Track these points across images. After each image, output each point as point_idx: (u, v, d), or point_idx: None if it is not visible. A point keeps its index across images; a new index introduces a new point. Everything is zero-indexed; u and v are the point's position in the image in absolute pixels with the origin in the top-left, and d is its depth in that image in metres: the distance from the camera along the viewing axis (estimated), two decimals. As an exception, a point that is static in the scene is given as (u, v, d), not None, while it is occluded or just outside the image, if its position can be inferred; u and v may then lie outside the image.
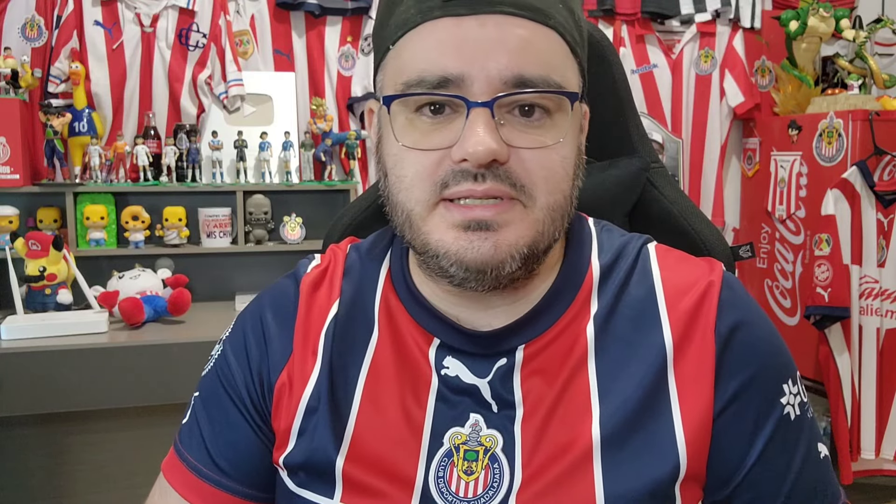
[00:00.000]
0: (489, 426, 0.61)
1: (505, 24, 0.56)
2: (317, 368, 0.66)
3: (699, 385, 0.60)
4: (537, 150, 0.57)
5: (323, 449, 0.62)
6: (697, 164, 2.92)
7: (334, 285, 0.70)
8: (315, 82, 2.56)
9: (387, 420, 0.63)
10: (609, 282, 0.65)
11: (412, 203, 0.59)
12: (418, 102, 0.58)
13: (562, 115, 0.58)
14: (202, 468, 0.68)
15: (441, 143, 0.57)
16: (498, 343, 0.63)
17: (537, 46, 0.57)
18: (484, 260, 0.57)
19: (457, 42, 0.56)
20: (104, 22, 2.30)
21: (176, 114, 2.40)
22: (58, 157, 2.20)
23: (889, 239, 2.44)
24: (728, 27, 2.88)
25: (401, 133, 0.59)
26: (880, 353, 2.45)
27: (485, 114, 0.55)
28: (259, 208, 2.33)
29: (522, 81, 0.56)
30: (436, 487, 0.60)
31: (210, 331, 1.92)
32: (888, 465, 2.46)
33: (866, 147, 2.41)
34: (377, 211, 0.88)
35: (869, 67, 2.67)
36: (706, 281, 0.63)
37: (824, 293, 2.42)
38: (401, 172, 0.59)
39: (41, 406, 1.73)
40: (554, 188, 0.58)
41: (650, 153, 0.87)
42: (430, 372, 0.63)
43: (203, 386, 0.72)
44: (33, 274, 1.97)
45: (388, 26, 0.61)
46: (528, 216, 0.57)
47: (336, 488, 0.62)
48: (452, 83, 0.56)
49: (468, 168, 0.56)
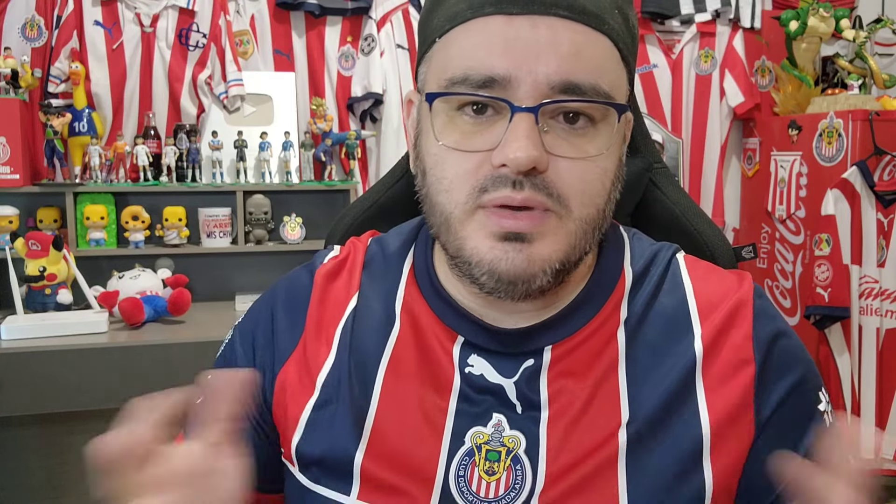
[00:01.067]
0: (512, 427, 0.60)
1: (558, 26, 0.54)
2: (330, 360, 0.65)
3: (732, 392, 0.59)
4: (578, 160, 0.55)
5: (341, 444, 0.62)
6: (697, 164, 2.92)
7: (353, 277, 0.69)
8: (315, 82, 2.56)
9: (407, 417, 0.62)
10: (641, 289, 0.64)
11: (452, 206, 0.57)
12: (461, 101, 0.56)
13: (606, 125, 0.57)
14: None
15: (482, 145, 0.55)
16: (525, 342, 0.62)
17: (589, 52, 0.55)
18: (517, 272, 0.56)
19: (506, 41, 0.54)
20: (104, 22, 2.30)
21: (176, 114, 2.40)
22: (58, 157, 2.20)
23: (889, 239, 2.44)
24: (728, 27, 2.88)
25: (442, 132, 0.57)
26: (880, 353, 2.45)
27: (529, 119, 0.53)
28: (259, 208, 2.33)
29: (571, 87, 0.54)
30: (456, 487, 0.59)
31: (210, 331, 1.92)
32: (888, 465, 2.46)
33: (866, 147, 2.41)
34: (378, 211, 0.88)
35: (869, 67, 2.67)
36: (739, 292, 0.62)
37: (824, 293, 2.42)
38: (441, 173, 0.58)
39: (41, 406, 1.73)
40: (588, 201, 0.57)
41: (653, 153, 0.86)
42: (453, 369, 0.62)
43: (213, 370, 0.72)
44: (33, 274, 1.97)
45: (435, 18, 0.60)
46: (562, 228, 0.56)
47: (353, 485, 0.61)
48: (498, 84, 0.54)
49: (507, 174, 0.54)
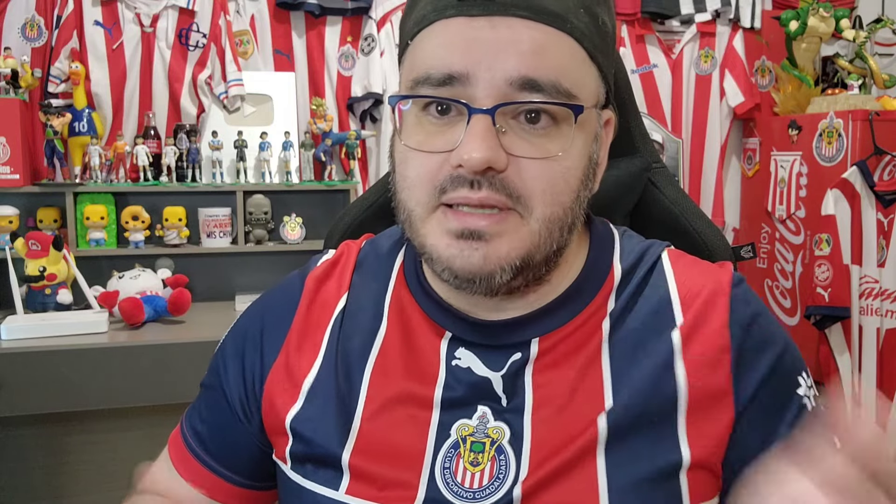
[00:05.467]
0: (497, 418, 0.61)
1: (518, 26, 0.55)
2: (318, 361, 0.67)
3: (711, 380, 0.60)
4: (539, 160, 0.56)
5: (329, 441, 0.63)
6: (697, 164, 2.92)
7: (344, 278, 0.71)
8: (315, 82, 2.56)
9: (393, 412, 0.63)
10: (628, 284, 0.65)
11: (413, 204, 0.59)
12: (425, 102, 0.58)
13: (569, 124, 0.57)
14: (196, 448, 0.73)
15: (443, 146, 0.57)
16: (511, 335, 0.63)
17: (550, 51, 0.56)
18: (472, 270, 0.57)
19: (466, 41, 0.56)
20: (104, 22, 2.30)
21: (176, 114, 2.40)
22: (58, 157, 2.20)
23: (889, 239, 2.44)
24: (728, 27, 2.88)
25: (407, 133, 0.59)
26: (880, 353, 2.45)
27: (485, 120, 0.55)
28: (259, 208, 2.33)
29: (530, 84, 0.55)
30: (442, 478, 0.60)
31: (210, 331, 1.92)
32: (888, 465, 2.46)
33: (866, 147, 2.41)
34: (378, 211, 0.89)
35: (869, 67, 2.67)
36: (717, 278, 0.64)
37: (824, 293, 2.42)
38: (405, 172, 0.60)
39: (41, 406, 1.73)
40: (552, 200, 0.57)
41: (651, 153, 0.86)
42: (439, 363, 0.64)
43: (208, 371, 0.75)
44: (33, 274, 1.97)
45: (408, 22, 0.62)
46: (523, 228, 0.57)
47: (342, 480, 0.62)
48: (458, 81, 0.56)
49: (464, 174, 0.56)
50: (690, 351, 0.61)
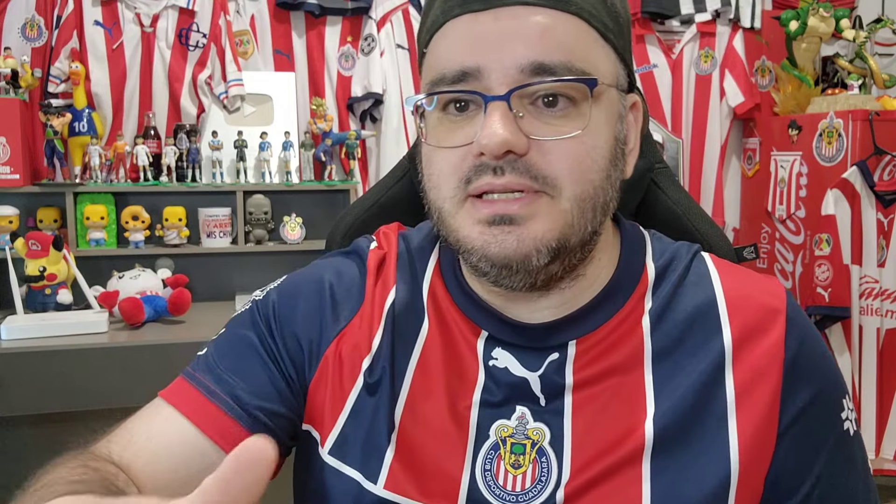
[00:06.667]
0: (536, 419, 0.60)
1: (521, 13, 0.56)
2: (375, 347, 0.65)
3: (760, 393, 0.59)
4: (560, 140, 0.56)
5: (374, 435, 0.62)
6: (697, 164, 2.92)
7: (390, 272, 0.70)
8: (315, 82, 2.56)
9: (433, 412, 0.62)
10: (664, 283, 0.64)
11: (441, 200, 0.60)
12: (443, 100, 0.59)
13: (587, 103, 0.57)
14: (218, 392, 0.63)
15: (464, 139, 0.57)
16: (548, 337, 0.62)
17: (557, 32, 0.56)
18: (507, 254, 0.56)
19: (473, 36, 0.56)
20: (104, 22, 2.30)
21: (176, 114, 2.40)
22: (58, 157, 2.19)
23: (889, 239, 2.44)
24: (728, 27, 2.88)
25: (430, 133, 0.60)
26: (880, 353, 2.45)
27: (501, 107, 0.55)
28: (259, 208, 2.33)
29: (540, 68, 0.55)
30: (483, 480, 0.59)
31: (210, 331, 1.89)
32: (888, 465, 2.46)
33: (866, 147, 2.41)
34: (379, 210, 0.88)
35: (869, 67, 2.68)
36: (771, 291, 0.63)
37: (824, 293, 2.42)
38: (430, 171, 0.61)
39: (41, 406, 1.73)
40: (581, 178, 0.57)
41: (654, 154, 0.86)
42: (477, 364, 0.63)
43: (235, 322, 0.69)
44: (33, 274, 1.97)
45: (423, 31, 0.63)
46: (555, 207, 0.56)
47: (381, 474, 0.61)
48: (471, 76, 0.56)
49: (487, 162, 0.56)
50: (742, 362, 0.60)
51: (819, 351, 0.62)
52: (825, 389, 0.60)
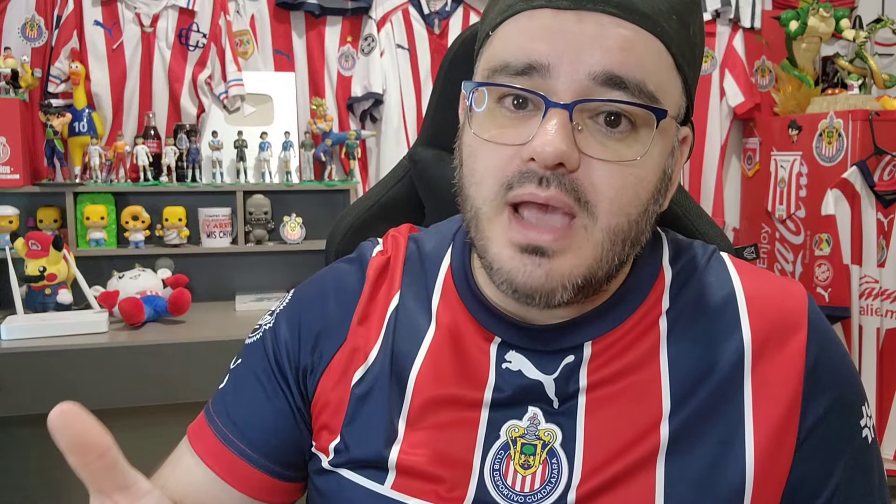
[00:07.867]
0: (548, 420, 0.59)
1: (605, 22, 0.53)
2: (372, 356, 0.65)
3: (779, 399, 0.58)
4: (612, 163, 0.54)
5: (378, 437, 0.62)
6: (697, 164, 2.92)
7: (395, 277, 0.69)
8: (315, 82, 2.56)
9: (441, 413, 0.61)
10: (681, 282, 0.63)
11: (480, 201, 0.57)
12: (501, 93, 0.56)
13: (649, 130, 0.54)
14: (230, 436, 0.66)
15: (515, 139, 0.54)
16: (563, 338, 0.61)
17: (638, 50, 0.53)
18: (533, 286, 0.55)
19: (551, 31, 0.53)
20: (104, 22, 2.30)
21: (176, 114, 2.40)
22: (58, 157, 2.20)
23: (889, 239, 2.44)
24: (728, 27, 2.88)
25: (479, 124, 0.57)
26: (880, 353, 2.45)
27: (562, 115, 0.52)
28: (259, 208, 2.33)
29: (613, 81, 0.52)
30: (491, 480, 0.58)
31: (210, 331, 1.92)
32: (888, 465, 2.46)
33: (866, 147, 2.41)
34: (380, 211, 0.88)
35: (869, 67, 2.68)
36: (796, 298, 0.61)
37: (824, 293, 2.42)
38: (473, 166, 0.58)
39: (41, 406, 1.71)
40: (618, 210, 0.54)
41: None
42: (489, 365, 0.62)
43: (245, 354, 0.70)
44: (33, 274, 1.97)
45: (490, 13, 0.60)
46: (587, 243, 0.55)
47: (388, 475, 0.60)
48: (537, 72, 0.53)
49: (535, 169, 0.53)
50: (761, 367, 0.58)
51: (840, 355, 0.61)
52: (845, 396, 0.59)
